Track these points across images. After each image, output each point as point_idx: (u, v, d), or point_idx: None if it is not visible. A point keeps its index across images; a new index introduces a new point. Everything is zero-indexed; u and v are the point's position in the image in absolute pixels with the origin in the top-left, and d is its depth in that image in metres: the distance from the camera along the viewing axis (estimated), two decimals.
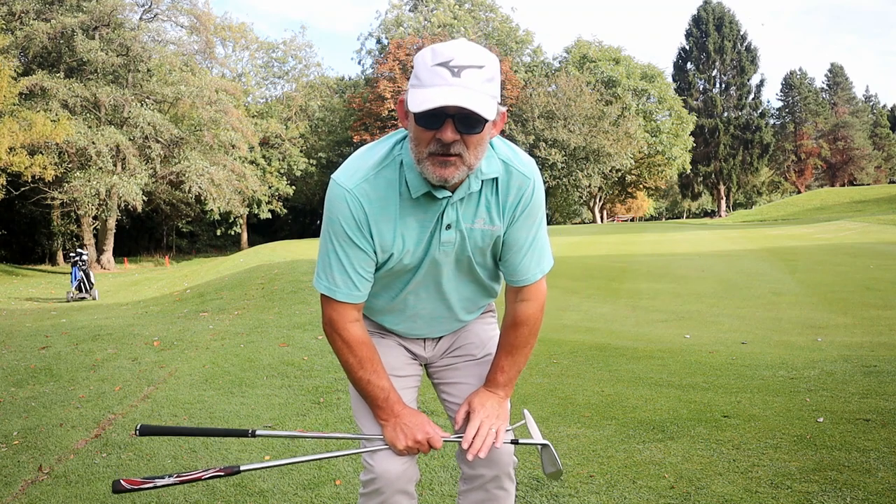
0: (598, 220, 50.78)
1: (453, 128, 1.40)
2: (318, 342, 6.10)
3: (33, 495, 2.93)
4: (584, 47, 49.99)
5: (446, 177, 1.45)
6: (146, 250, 40.48)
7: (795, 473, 2.76)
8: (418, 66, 1.43)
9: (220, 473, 1.56)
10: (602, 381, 4.43)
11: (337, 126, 46.50)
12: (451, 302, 1.76)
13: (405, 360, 1.85)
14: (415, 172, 1.52)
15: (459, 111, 1.38)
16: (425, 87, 1.39)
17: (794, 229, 24.27)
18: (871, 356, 4.82)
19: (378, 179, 1.55)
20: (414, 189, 1.54)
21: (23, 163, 22.56)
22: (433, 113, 1.38)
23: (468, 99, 1.36)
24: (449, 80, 1.37)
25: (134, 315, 9.58)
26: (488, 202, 1.61)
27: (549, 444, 1.75)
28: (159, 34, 32.34)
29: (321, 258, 1.63)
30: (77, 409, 4.28)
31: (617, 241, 20.64)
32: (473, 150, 1.45)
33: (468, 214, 1.61)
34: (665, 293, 8.91)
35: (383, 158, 1.57)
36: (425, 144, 1.44)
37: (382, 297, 1.75)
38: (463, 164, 1.46)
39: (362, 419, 1.76)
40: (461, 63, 1.38)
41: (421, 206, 1.57)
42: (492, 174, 1.58)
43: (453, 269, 1.70)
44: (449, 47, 1.41)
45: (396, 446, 1.65)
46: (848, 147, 63.07)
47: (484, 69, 1.40)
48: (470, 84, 1.38)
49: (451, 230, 1.60)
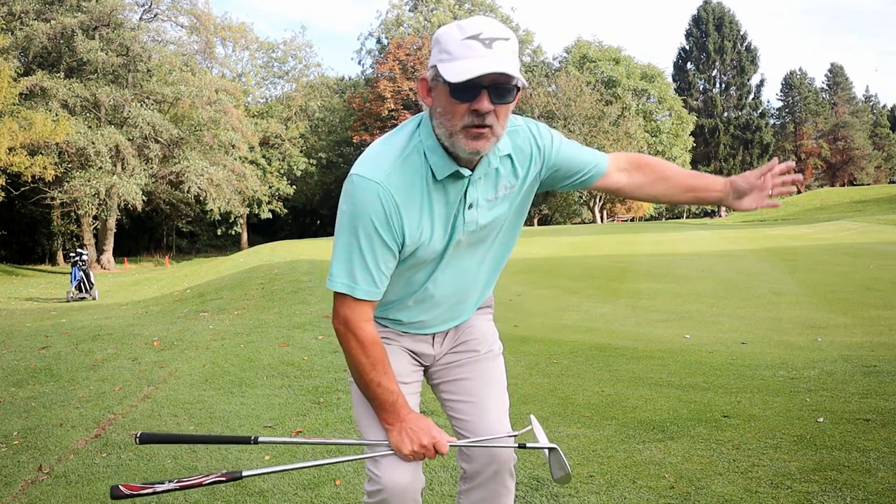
0: (598, 220, 50.75)
1: (489, 98, 1.43)
2: (318, 342, 6.10)
3: (33, 495, 2.93)
4: (584, 47, 50.01)
5: (479, 149, 1.47)
6: (146, 250, 40.47)
7: (795, 473, 2.76)
8: (447, 42, 1.45)
9: (222, 479, 1.51)
10: (602, 381, 4.43)
11: (337, 126, 46.51)
12: (470, 282, 1.75)
13: (410, 367, 1.82)
14: (438, 155, 1.53)
15: (494, 81, 1.41)
16: (459, 59, 1.41)
17: (794, 229, 24.26)
18: (871, 356, 4.82)
19: (405, 167, 1.54)
20: (439, 172, 1.54)
21: (22, 163, 22.57)
22: (469, 85, 1.41)
23: (506, 66, 1.41)
24: (482, 51, 1.41)
25: (134, 315, 9.58)
26: (502, 171, 1.64)
27: (557, 448, 1.72)
28: (159, 34, 32.42)
29: (340, 255, 1.57)
30: (77, 409, 4.28)
31: (617, 241, 20.64)
32: (502, 121, 1.49)
33: (489, 189, 1.63)
34: (665, 293, 8.91)
35: (405, 146, 1.56)
36: (459, 117, 1.45)
37: (404, 289, 1.71)
38: (493, 136, 1.48)
39: (365, 425, 1.72)
40: (491, 35, 1.42)
41: (445, 189, 1.57)
42: (506, 150, 1.62)
43: (474, 248, 1.70)
44: (474, 23, 1.44)
45: (402, 451, 1.61)
46: (848, 147, 63.10)
47: (510, 41, 1.45)
48: (502, 55, 1.42)
49: (473, 209, 1.61)
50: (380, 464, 1.63)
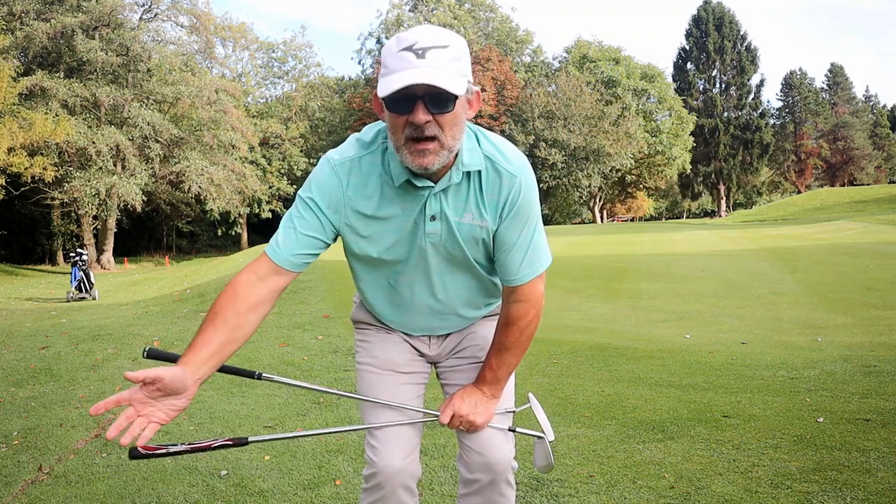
0: (598, 220, 50.78)
1: (424, 108, 1.40)
2: (318, 342, 6.10)
3: (33, 495, 2.93)
4: (584, 47, 49.99)
5: (425, 165, 1.45)
6: (146, 250, 40.47)
7: (795, 473, 2.76)
8: (385, 55, 1.44)
9: (229, 443, 1.59)
10: (602, 381, 4.43)
11: (337, 126, 46.52)
12: (446, 297, 1.75)
13: (409, 357, 1.84)
14: (396, 161, 1.53)
15: (428, 90, 1.38)
16: (392, 72, 1.40)
17: (794, 229, 24.27)
18: (871, 356, 4.82)
19: (363, 163, 1.58)
20: (396, 177, 1.54)
21: (22, 163, 22.57)
22: (402, 96, 1.39)
23: (432, 76, 1.37)
24: (414, 62, 1.38)
25: (134, 315, 9.58)
26: (476, 197, 1.60)
27: (544, 438, 1.76)
28: (159, 34, 32.39)
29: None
30: (77, 409, 4.28)
31: (617, 241, 20.64)
32: (449, 131, 1.45)
33: (457, 208, 1.60)
34: (665, 293, 8.91)
35: (369, 144, 1.59)
36: (401, 131, 1.44)
37: (377, 290, 1.76)
38: (442, 148, 1.45)
39: (366, 407, 1.78)
40: (425, 45, 1.39)
41: (403, 195, 1.57)
42: (473, 167, 1.57)
43: (446, 263, 1.69)
44: (412, 32, 1.42)
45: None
46: (848, 147, 63.08)
47: (449, 48, 1.41)
48: (435, 63, 1.39)
49: (436, 222, 1.60)
50: (376, 449, 1.68)
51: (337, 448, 3.32)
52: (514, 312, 1.69)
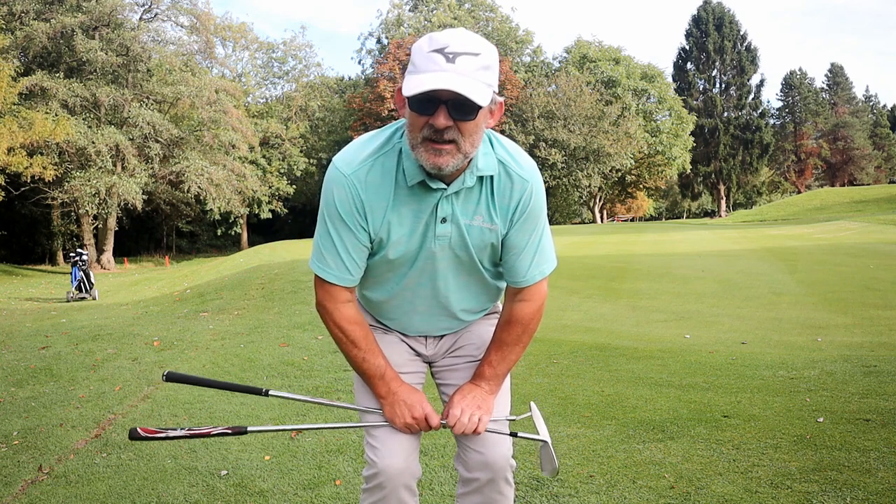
0: (598, 220, 50.76)
1: (447, 114, 1.40)
2: (318, 342, 6.10)
3: (33, 495, 2.93)
4: (584, 47, 49.97)
5: (440, 164, 1.45)
6: (146, 250, 40.46)
7: (795, 473, 2.76)
8: (415, 53, 1.43)
9: (228, 432, 1.64)
10: (602, 381, 4.43)
11: (337, 126, 46.50)
12: (450, 300, 1.76)
13: (407, 357, 1.85)
14: (412, 160, 1.52)
15: (453, 97, 1.38)
16: (419, 72, 1.40)
17: (794, 229, 24.28)
18: (871, 356, 4.82)
19: (375, 167, 1.57)
20: (410, 177, 1.55)
21: (21, 163, 22.56)
22: (426, 98, 1.39)
23: (460, 84, 1.36)
24: (443, 65, 1.38)
25: (134, 315, 9.58)
26: (488, 201, 1.61)
27: (548, 443, 1.75)
28: (159, 34, 32.38)
29: (316, 239, 1.65)
30: (77, 409, 4.28)
31: (617, 241, 20.64)
32: (469, 138, 1.45)
33: (467, 211, 1.61)
34: (665, 293, 8.91)
35: (382, 146, 1.59)
36: (419, 130, 1.44)
37: (380, 290, 1.76)
38: (458, 152, 1.45)
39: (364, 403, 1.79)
40: (456, 50, 1.39)
41: (416, 196, 1.57)
42: (488, 171, 1.58)
43: (454, 267, 1.69)
44: (446, 35, 1.42)
45: (395, 423, 1.68)
46: (848, 147, 63.11)
47: (480, 57, 1.41)
48: (464, 70, 1.38)
49: (447, 224, 1.61)
50: (376, 449, 1.69)
51: (337, 448, 3.32)
52: (518, 311, 1.72)
